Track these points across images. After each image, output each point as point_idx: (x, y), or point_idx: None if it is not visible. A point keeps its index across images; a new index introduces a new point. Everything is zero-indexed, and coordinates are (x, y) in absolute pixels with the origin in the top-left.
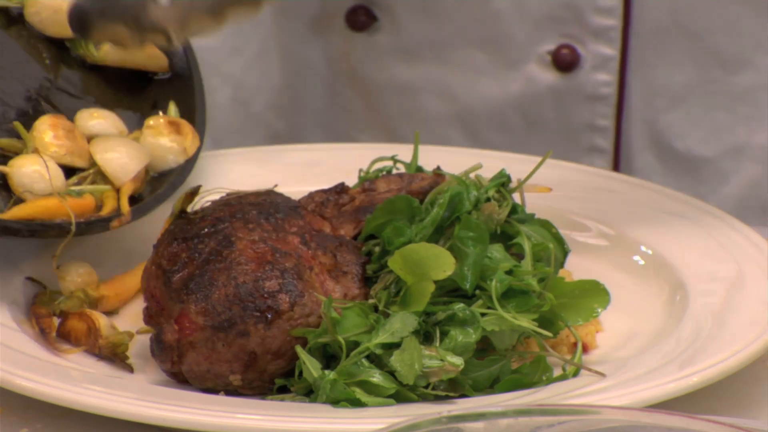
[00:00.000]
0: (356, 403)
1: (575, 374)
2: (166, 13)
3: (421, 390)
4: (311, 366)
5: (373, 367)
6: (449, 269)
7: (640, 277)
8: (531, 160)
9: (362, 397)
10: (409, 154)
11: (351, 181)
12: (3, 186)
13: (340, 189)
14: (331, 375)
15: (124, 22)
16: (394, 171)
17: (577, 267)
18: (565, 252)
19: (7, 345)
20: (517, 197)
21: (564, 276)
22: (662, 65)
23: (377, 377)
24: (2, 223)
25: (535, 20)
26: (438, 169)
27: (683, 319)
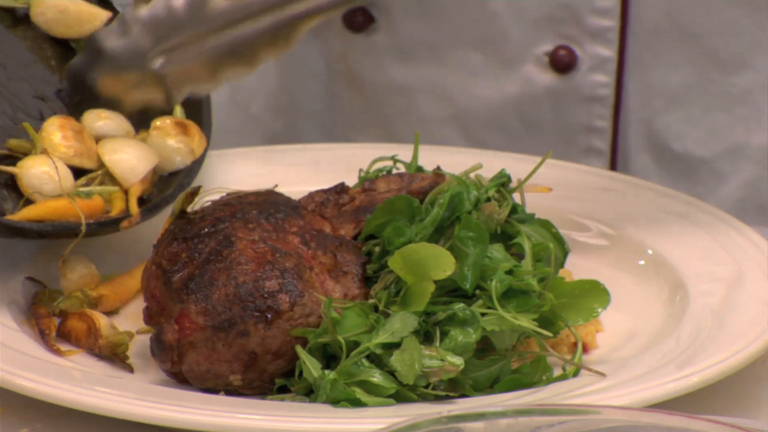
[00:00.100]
0: (356, 403)
1: (575, 374)
2: (162, 74)
3: (421, 390)
4: (311, 366)
5: (373, 367)
6: (449, 269)
7: (640, 277)
8: (530, 160)
9: (362, 397)
10: (409, 154)
11: (351, 181)
12: (12, 187)
13: (340, 189)
14: (331, 375)
15: (121, 84)
16: (394, 171)
17: (577, 267)
18: (565, 252)
19: (7, 345)
20: (517, 197)
21: (564, 276)
22: (660, 66)
23: (377, 377)
24: (13, 224)
25: (532, 21)
26: (438, 169)
27: (683, 319)
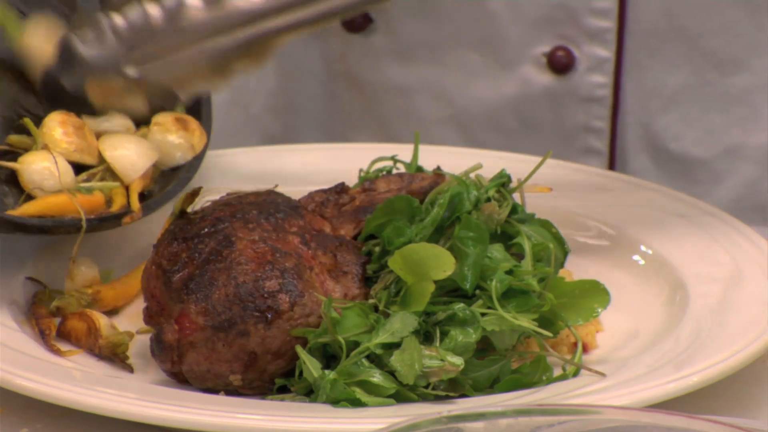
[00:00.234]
0: (356, 403)
1: (575, 374)
2: (136, 81)
3: (421, 390)
4: (311, 366)
5: (373, 367)
6: (449, 269)
7: (640, 277)
8: (530, 160)
9: (362, 397)
10: (409, 155)
11: (351, 181)
12: (13, 183)
13: (340, 189)
14: (331, 375)
15: (95, 90)
16: (394, 171)
17: (577, 267)
18: (565, 252)
19: (7, 345)
20: (517, 197)
21: (564, 276)
22: (657, 67)
23: (377, 377)
24: (14, 219)
25: (530, 22)
26: (438, 169)
27: (683, 319)
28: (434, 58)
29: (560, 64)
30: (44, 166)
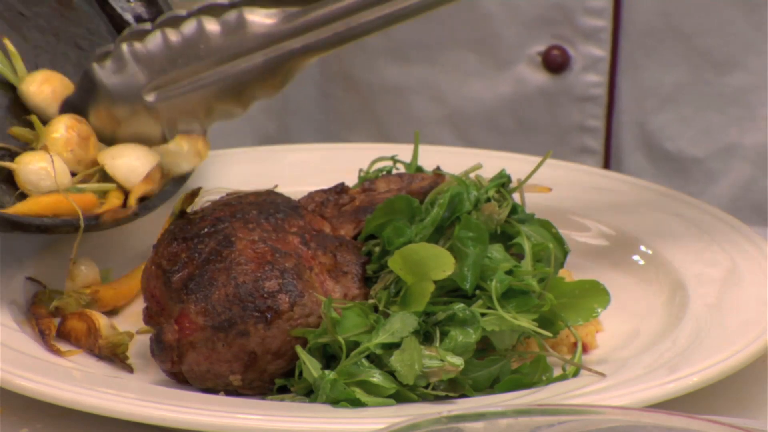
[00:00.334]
0: (356, 403)
1: (575, 374)
2: (156, 109)
3: (421, 390)
4: (311, 366)
5: (373, 367)
6: (449, 269)
7: (640, 277)
8: (530, 160)
9: (362, 397)
10: (408, 155)
11: (351, 181)
12: (11, 181)
13: (340, 189)
14: (331, 375)
15: (115, 119)
16: (394, 171)
17: (577, 267)
18: (565, 252)
19: (7, 345)
20: (517, 197)
21: (564, 276)
22: (653, 66)
23: (377, 377)
24: (13, 218)
25: (525, 21)
26: (438, 169)
27: (683, 319)
28: (429, 58)
29: (555, 63)
30: (41, 166)
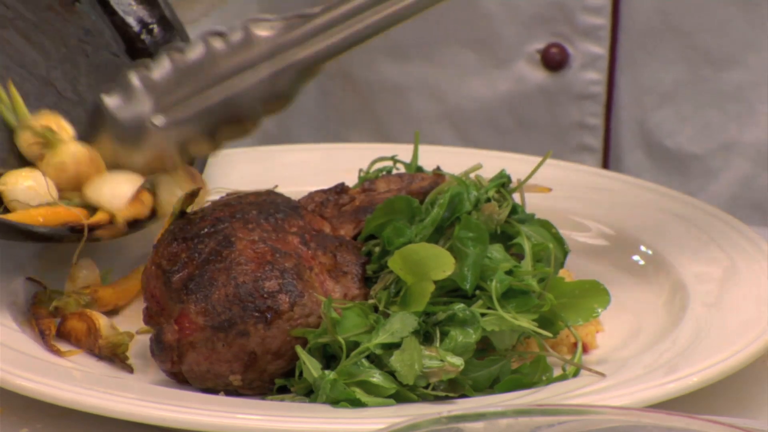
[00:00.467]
0: (356, 403)
1: (575, 374)
2: (163, 137)
3: (421, 390)
4: (311, 366)
5: (373, 367)
6: (449, 269)
7: (640, 277)
8: (530, 160)
9: (362, 397)
10: (408, 154)
11: (351, 181)
12: None
13: (340, 189)
14: (331, 375)
15: (125, 150)
16: (394, 171)
17: (577, 267)
18: (565, 252)
19: (7, 345)
20: (517, 197)
21: (564, 276)
22: (651, 64)
23: (377, 377)
24: (21, 227)
25: (524, 19)
26: (438, 169)
27: (683, 319)
28: (428, 56)
29: (554, 61)
30: (28, 185)
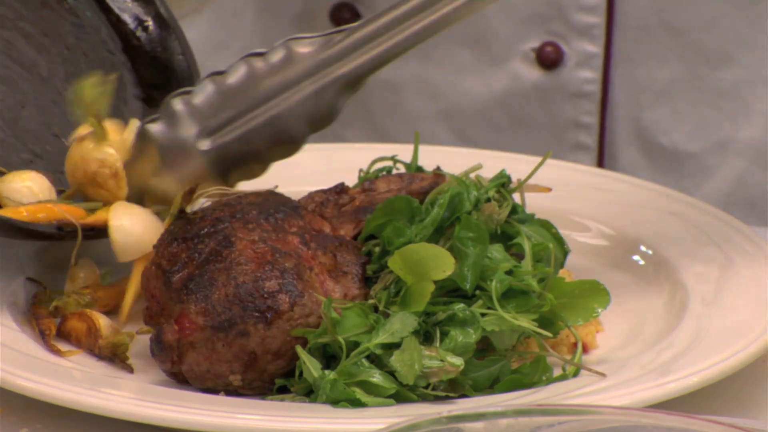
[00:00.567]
0: (356, 403)
1: (575, 374)
2: (208, 161)
3: (421, 390)
4: (311, 366)
5: (373, 367)
6: (449, 269)
7: (640, 277)
8: (530, 160)
9: (362, 397)
10: (408, 154)
11: (351, 181)
12: None
13: (340, 189)
14: (331, 375)
15: (172, 177)
16: (394, 171)
17: (577, 267)
18: (565, 252)
19: (7, 345)
20: (517, 197)
21: (564, 276)
22: (646, 62)
23: (377, 377)
24: (21, 225)
25: (519, 18)
26: (438, 169)
27: (683, 319)
28: (423, 54)
29: (549, 59)
30: (25, 185)
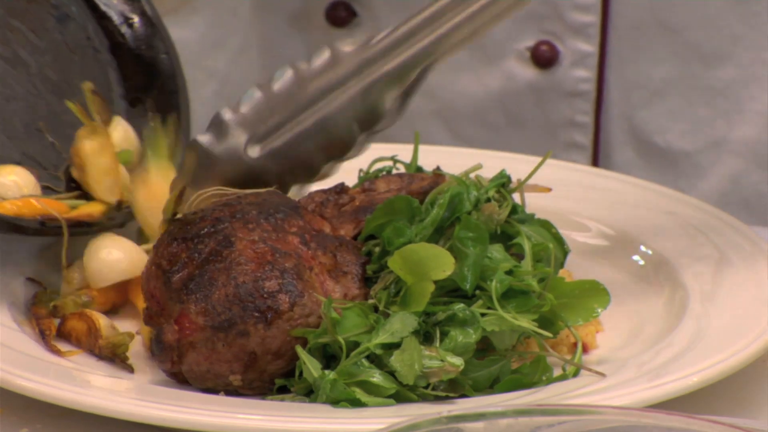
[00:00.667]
0: (356, 403)
1: (575, 374)
2: (261, 170)
3: (421, 390)
4: (311, 366)
5: (373, 367)
6: (449, 269)
7: (640, 277)
8: (530, 160)
9: (362, 397)
10: (408, 154)
11: (351, 181)
12: None
13: (340, 189)
14: (331, 375)
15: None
16: (394, 171)
17: (577, 267)
18: (565, 252)
19: (7, 345)
20: (517, 197)
21: (564, 276)
22: (641, 60)
23: (377, 377)
24: (10, 220)
25: (514, 16)
26: (438, 169)
27: (683, 319)
28: None
29: (544, 58)
30: (11, 179)
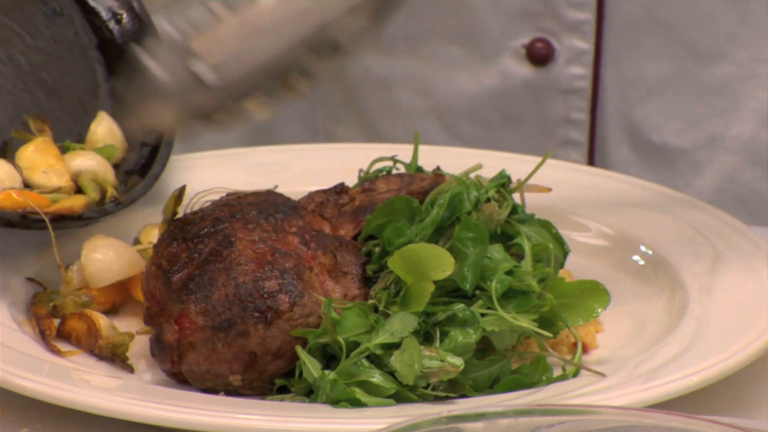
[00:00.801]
0: (356, 403)
1: (575, 374)
2: (215, 96)
3: (421, 390)
4: (311, 366)
5: (373, 368)
6: (449, 269)
7: (640, 277)
8: (529, 160)
9: (362, 397)
10: (407, 155)
11: (351, 181)
12: None
13: (340, 189)
14: (331, 375)
15: (168, 106)
16: (394, 171)
17: (577, 267)
18: (565, 252)
19: (7, 345)
20: (517, 197)
21: (564, 276)
22: (637, 58)
23: (377, 377)
24: None
25: (510, 14)
26: (438, 169)
27: (683, 319)
28: (414, 51)
29: (539, 56)
30: None
